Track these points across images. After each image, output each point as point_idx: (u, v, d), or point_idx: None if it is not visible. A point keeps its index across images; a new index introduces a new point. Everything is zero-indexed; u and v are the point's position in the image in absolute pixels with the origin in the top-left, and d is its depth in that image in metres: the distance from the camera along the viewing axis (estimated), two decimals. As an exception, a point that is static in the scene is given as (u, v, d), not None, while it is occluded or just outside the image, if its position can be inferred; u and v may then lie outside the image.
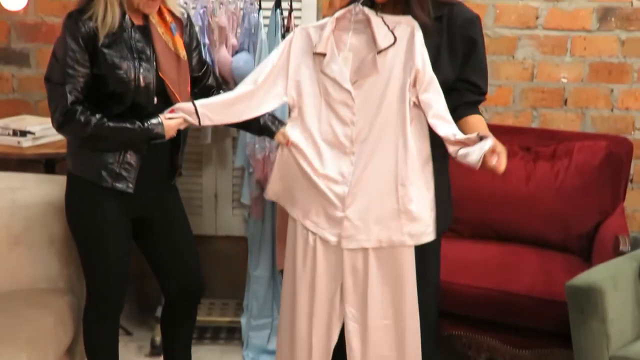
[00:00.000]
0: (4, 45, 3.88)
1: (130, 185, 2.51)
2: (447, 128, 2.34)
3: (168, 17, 2.54)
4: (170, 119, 2.46)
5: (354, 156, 2.43)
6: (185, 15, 2.65)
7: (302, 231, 2.52)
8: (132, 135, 2.44)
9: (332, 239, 2.46)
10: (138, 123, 2.43)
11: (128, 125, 2.43)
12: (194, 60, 2.68)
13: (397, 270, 2.45)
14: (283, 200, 2.60)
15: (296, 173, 2.51)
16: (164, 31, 2.52)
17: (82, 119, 2.39)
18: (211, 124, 2.56)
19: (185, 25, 2.62)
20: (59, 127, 2.46)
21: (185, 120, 2.49)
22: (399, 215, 2.41)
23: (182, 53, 2.55)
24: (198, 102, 2.50)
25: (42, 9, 3.81)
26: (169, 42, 2.52)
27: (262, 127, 2.58)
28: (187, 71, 2.59)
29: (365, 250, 2.45)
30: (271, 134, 2.58)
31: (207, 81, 2.73)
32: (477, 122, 2.43)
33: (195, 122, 2.49)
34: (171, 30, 2.53)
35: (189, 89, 2.59)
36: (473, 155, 2.24)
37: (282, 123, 2.57)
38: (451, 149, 2.33)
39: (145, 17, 2.51)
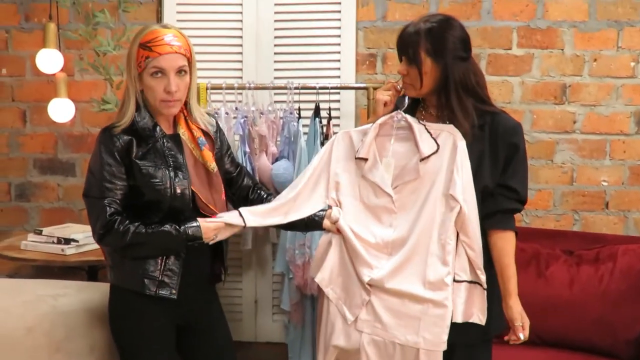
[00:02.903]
0: (51, 155, 4.00)
1: (174, 291, 2.52)
2: None
3: (196, 132, 2.59)
4: (209, 222, 2.50)
5: (390, 256, 2.43)
6: (214, 123, 2.70)
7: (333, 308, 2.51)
8: (170, 238, 2.46)
9: (350, 317, 2.44)
10: (175, 226, 2.46)
11: (165, 229, 2.46)
12: (227, 163, 2.72)
13: None
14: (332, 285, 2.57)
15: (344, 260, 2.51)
16: (194, 147, 2.58)
17: (121, 228, 2.43)
18: (257, 225, 2.59)
19: (215, 132, 2.67)
20: (100, 239, 2.49)
21: (226, 225, 2.51)
22: (420, 317, 2.38)
23: (212, 166, 2.58)
24: (242, 209, 2.54)
25: (88, 120, 3.94)
26: (198, 157, 2.57)
27: (308, 223, 2.61)
28: (220, 181, 2.62)
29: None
30: (319, 226, 2.60)
31: (242, 181, 2.76)
32: (504, 254, 2.43)
33: (241, 223, 2.51)
34: (199, 145, 2.58)
35: (223, 196, 2.62)
36: None
37: (323, 211, 2.59)
38: None
39: (175, 126, 2.58)
